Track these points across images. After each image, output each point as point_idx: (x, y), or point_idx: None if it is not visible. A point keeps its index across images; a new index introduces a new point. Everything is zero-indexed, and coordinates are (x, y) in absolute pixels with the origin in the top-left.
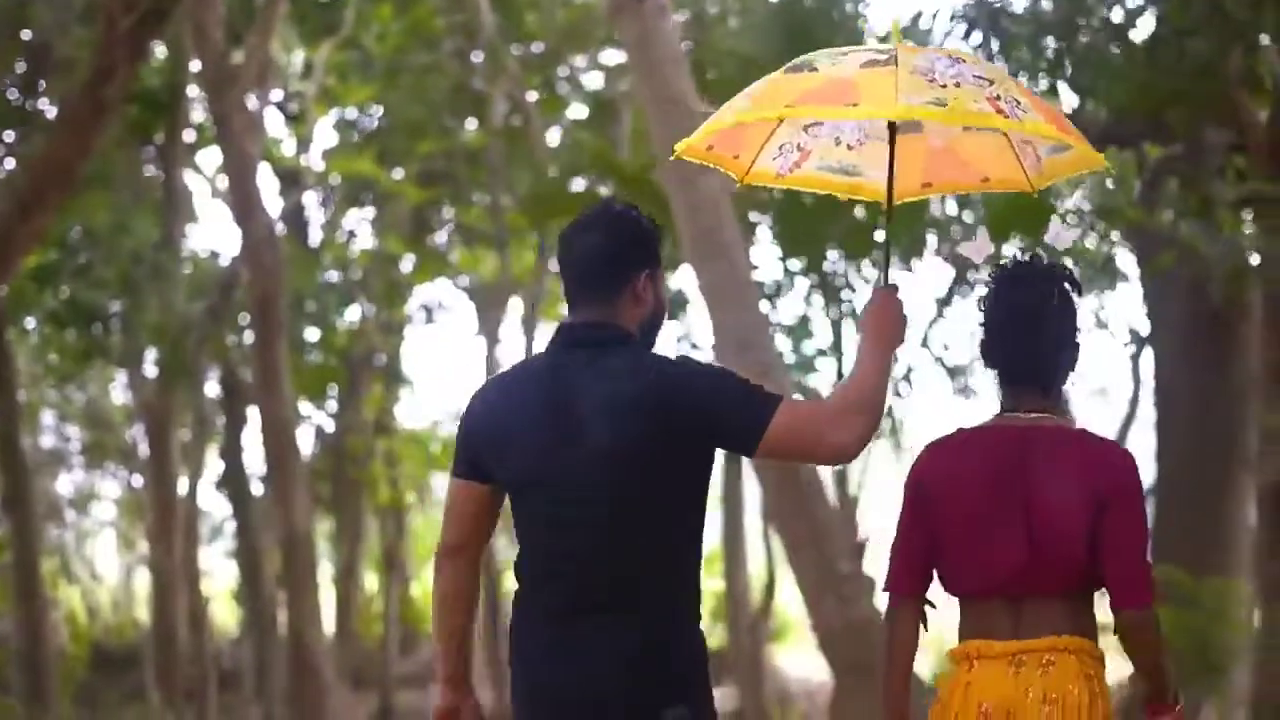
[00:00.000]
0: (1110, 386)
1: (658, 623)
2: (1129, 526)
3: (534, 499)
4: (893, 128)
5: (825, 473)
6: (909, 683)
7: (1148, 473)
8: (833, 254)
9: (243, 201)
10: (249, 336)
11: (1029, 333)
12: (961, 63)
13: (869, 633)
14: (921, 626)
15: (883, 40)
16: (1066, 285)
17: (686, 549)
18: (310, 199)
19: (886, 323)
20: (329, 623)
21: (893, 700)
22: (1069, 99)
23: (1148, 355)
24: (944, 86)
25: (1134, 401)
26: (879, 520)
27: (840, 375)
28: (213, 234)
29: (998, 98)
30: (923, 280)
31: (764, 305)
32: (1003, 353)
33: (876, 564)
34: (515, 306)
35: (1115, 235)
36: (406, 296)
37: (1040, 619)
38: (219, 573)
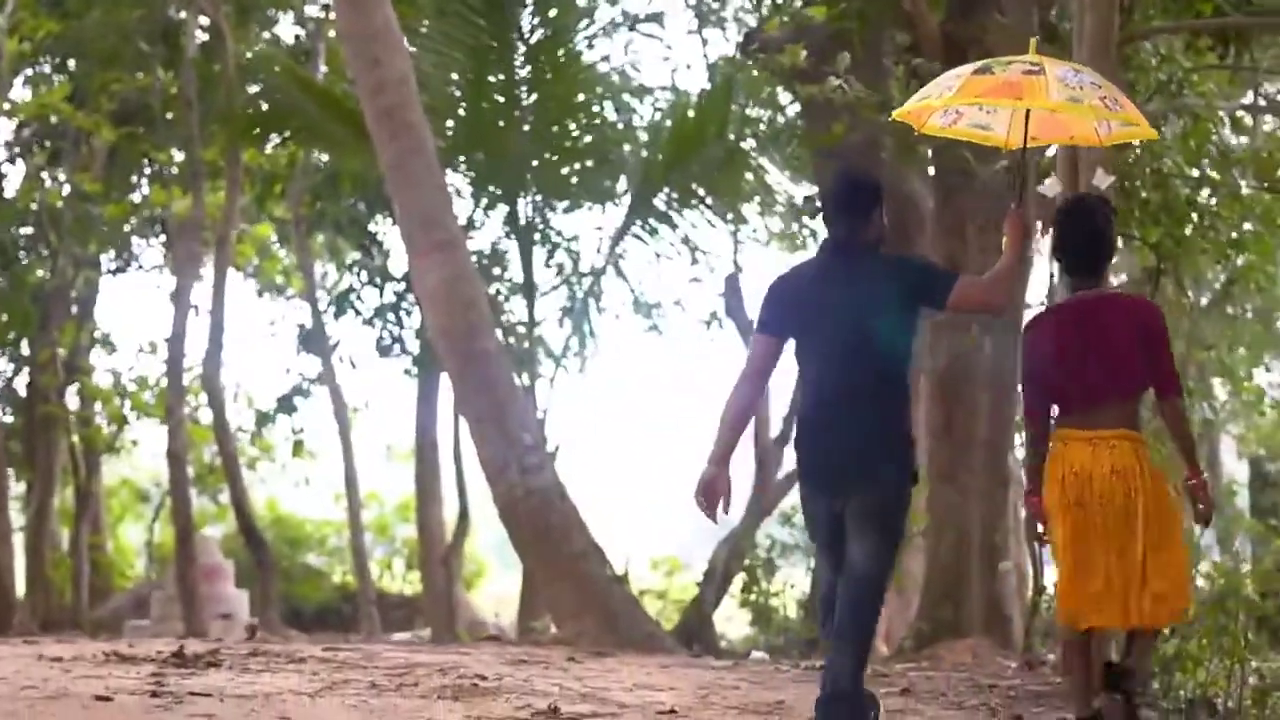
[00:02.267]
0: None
1: (890, 412)
2: (1161, 348)
3: (821, 343)
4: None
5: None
6: (1041, 473)
7: None
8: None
9: None
10: None
11: (1089, 243)
12: (1081, 73)
13: (551, 502)
14: (1048, 435)
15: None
16: (1109, 212)
17: (907, 368)
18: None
19: (1019, 229)
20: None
21: (1034, 480)
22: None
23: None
24: (1074, 89)
25: None
26: (566, 434)
27: (530, 313)
28: None
29: (1104, 97)
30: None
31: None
32: (1073, 255)
33: (566, 472)
34: (209, 245)
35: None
36: (101, 236)
37: (1106, 417)
38: None
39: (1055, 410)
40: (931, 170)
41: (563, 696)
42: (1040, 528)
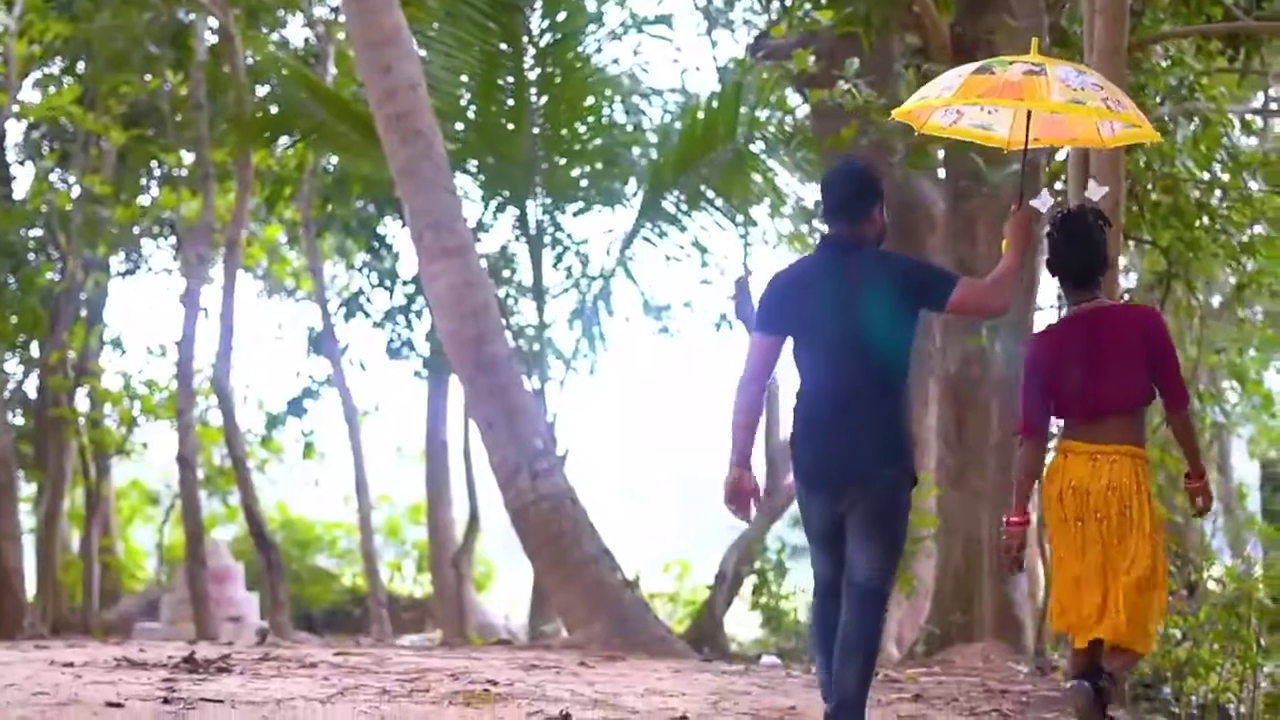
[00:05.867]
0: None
1: (889, 413)
2: (1168, 358)
3: (820, 342)
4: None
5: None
6: (1030, 496)
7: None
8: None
9: None
10: None
11: (1082, 254)
12: (1084, 74)
13: (561, 506)
14: (1043, 457)
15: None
16: (1100, 222)
17: (906, 369)
18: (9, 141)
19: (1022, 230)
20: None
21: (1021, 503)
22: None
23: None
24: (1075, 90)
25: None
26: (577, 439)
27: (540, 315)
28: None
29: (1107, 98)
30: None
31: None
32: (1066, 266)
33: (577, 475)
34: (218, 247)
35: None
36: (110, 238)
37: (1109, 432)
38: None
39: (1058, 425)
40: (941, 173)
41: (574, 702)
42: (1016, 556)
